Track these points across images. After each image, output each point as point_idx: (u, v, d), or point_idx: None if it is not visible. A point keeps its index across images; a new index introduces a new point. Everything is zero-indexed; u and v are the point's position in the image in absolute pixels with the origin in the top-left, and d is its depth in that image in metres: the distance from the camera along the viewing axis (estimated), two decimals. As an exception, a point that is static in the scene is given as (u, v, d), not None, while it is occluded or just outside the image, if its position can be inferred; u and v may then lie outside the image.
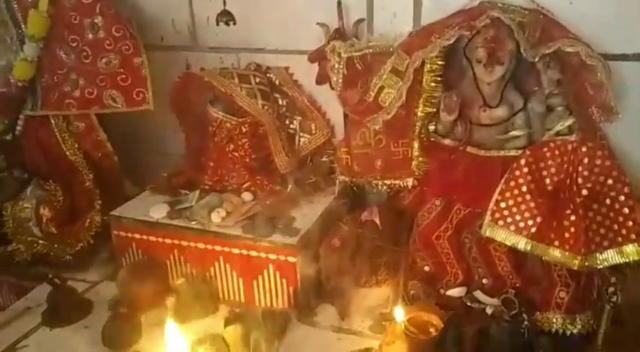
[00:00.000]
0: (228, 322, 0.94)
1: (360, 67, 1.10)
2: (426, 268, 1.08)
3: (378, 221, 1.06)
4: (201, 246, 1.10)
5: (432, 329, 0.95)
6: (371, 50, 1.09)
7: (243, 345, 0.89)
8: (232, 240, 1.08)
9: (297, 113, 1.30)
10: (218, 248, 1.09)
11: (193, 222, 1.11)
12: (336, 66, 1.10)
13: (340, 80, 1.11)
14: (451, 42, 0.94)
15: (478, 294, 1.05)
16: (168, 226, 1.13)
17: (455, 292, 1.05)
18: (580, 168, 0.92)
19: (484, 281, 1.06)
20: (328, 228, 1.11)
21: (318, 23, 1.17)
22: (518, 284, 1.02)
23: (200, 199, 1.16)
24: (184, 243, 1.12)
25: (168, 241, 1.13)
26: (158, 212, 1.14)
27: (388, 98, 1.04)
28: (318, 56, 1.15)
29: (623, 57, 1.00)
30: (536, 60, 0.92)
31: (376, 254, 1.02)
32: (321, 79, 1.16)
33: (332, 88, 1.15)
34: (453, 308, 1.02)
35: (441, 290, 1.07)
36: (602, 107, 0.95)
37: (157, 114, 1.29)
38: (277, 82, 1.28)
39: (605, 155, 0.91)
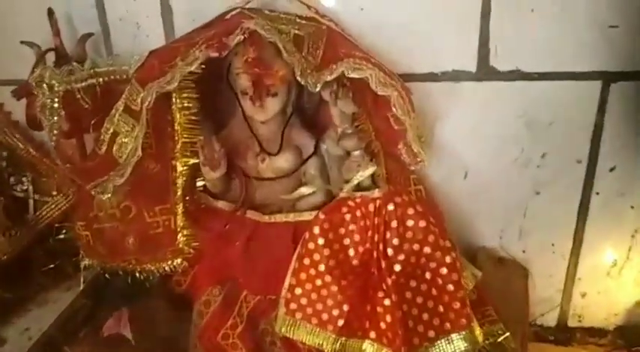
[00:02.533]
0: None
1: (86, 105, 0.75)
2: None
3: (129, 333, 0.72)
4: None
5: None
6: (101, 78, 0.75)
7: None
8: None
9: (26, 168, 0.90)
10: None
11: None
12: (48, 103, 0.74)
13: (56, 124, 0.74)
14: (193, 68, 0.64)
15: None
16: None
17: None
18: (388, 235, 0.67)
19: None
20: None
21: (23, 42, 0.79)
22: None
23: None
24: None
25: None
26: None
27: (124, 150, 0.71)
28: (23, 90, 0.77)
29: (432, 77, 0.79)
30: (318, 89, 0.65)
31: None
32: (32, 121, 0.78)
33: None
34: None
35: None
36: (408, 147, 0.72)
37: None
38: (-17, 127, 0.88)
39: (419, 213, 0.68)
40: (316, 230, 0.69)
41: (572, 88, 0.79)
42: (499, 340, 0.73)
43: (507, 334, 0.73)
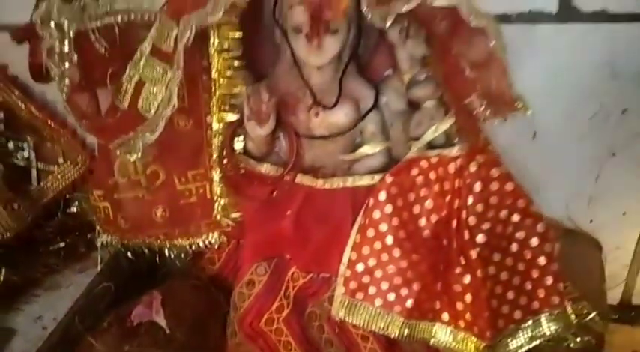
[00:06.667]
0: None
1: (102, 49, 0.63)
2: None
3: (162, 320, 0.62)
4: None
5: None
6: (120, 17, 0.62)
7: None
8: None
9: (26, 132, 0.78)
10: None
11: None
12: (57, 46, 0.61)
13: (67, 73, 0.62)
14: (241, -5, 0.52)
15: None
16: None
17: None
18: (471, 201, 0.57)
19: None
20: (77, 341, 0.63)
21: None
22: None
23: None
24: None
25: None
26: None
27: (153, 102, 0.59)
28: (25, 32, 0.64)
29: (505, 18, 0.68)
30: (388, 25, 0.54)
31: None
32: (37, 71, 0.65)
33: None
34: None
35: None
36: (490, 97, 0.61)
37: None
38: (-24, 83, 0.75)
39: (503, 174, 0.58)
40: (382, 196, 0.58)
41: (664, 33, 0.69)
42: (586, 320, 0.64)
43: (594, 313, 0.65)
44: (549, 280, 0.57)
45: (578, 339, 0.63)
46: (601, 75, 0.71)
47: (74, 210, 0.77)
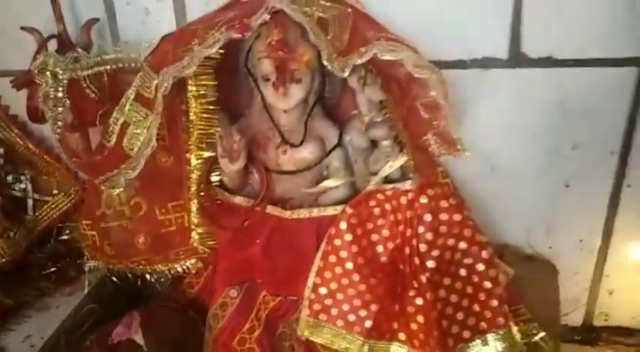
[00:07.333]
0: None
1: (92, 94, 0.70)
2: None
3: (140, 339, 0.67)
4: None
5: None
6: (108, 66, 0.69)
7: None
8: None
9: (24, 166, 0.85)
10: None
11: None
12: (52, 93, 0.68)
13: (60, 116, 0.69)
14: (214, 51, 0.59)
15: None
16: None
17: None
18: (421, 230, 0.63)
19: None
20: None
21: (23, 28, 0.73)
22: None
23: None
24: None
25: None
26: None
27: (136, 142, 0.66)
28: (24, 80, 0.71)
29: (460, 64, 0.75)
30: (346, 74, 0.61)
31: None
32: (34, 114, 0.72)
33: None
34: None
35: None
36: (441, 136, 0.68)
37: None
38: (-21, 121, 0.82)
39: (453, 206, 0.64)
40: (343, 225, 0.64)
41: (607, 75, 0.75)
42: (535, 339, 0.69)
43: (543, 333, 0.69)
44: (495, 302, 0.62)
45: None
46: (551, 114, 0.78)
47: (66, 237, 0.83)
